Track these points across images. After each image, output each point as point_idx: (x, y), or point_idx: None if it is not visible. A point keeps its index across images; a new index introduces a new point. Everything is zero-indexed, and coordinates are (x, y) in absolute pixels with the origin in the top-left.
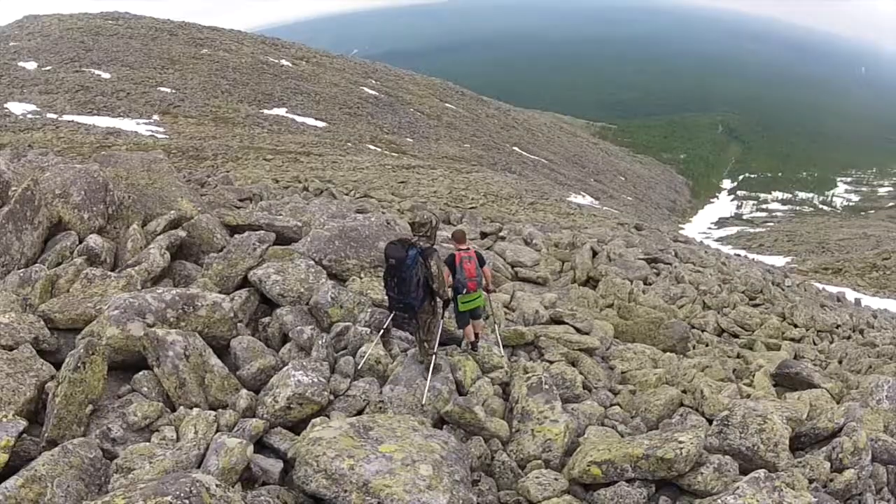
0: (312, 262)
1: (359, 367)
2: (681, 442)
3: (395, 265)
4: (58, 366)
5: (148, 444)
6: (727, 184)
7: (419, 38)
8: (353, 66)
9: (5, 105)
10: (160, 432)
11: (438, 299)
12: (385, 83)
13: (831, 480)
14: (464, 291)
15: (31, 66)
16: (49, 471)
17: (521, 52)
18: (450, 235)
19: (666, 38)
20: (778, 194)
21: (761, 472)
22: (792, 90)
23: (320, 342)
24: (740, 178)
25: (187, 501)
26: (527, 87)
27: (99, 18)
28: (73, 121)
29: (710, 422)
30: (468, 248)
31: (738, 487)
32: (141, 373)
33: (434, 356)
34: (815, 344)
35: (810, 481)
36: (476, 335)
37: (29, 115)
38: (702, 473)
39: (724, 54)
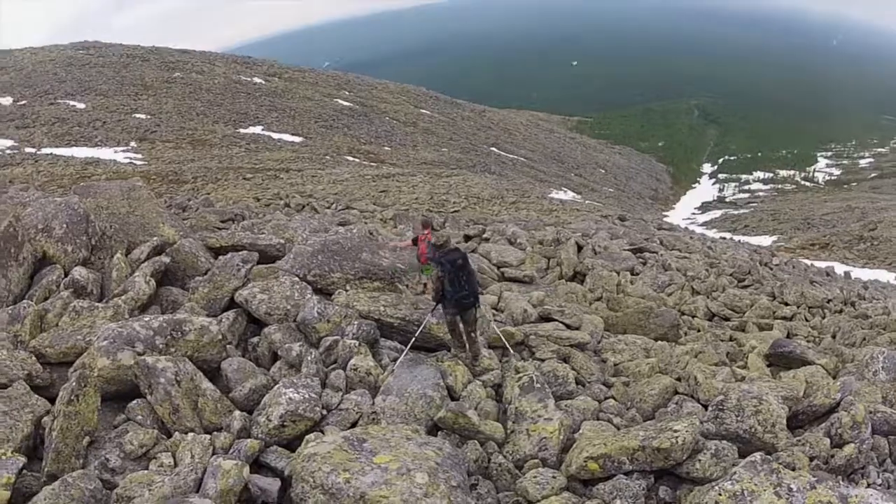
0: (297, 279)
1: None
2: (676, 431)
3: (463, 263)
4: (52, 400)
5: (146, 471)
6: (707, 168)
7: (385, 46)
8: (325, 79)
9: None
10: (157, 459)
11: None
12: (359, 93)
13: (832, 457)
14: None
15: (5, 101)
16: None
17: (489, 53)
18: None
19: (631, 28)
20: (759, 174)
21: (758, 456)
22: (763, 67)
23: (309, 358)
24: (720, 160)
25: None
26: (498, 87)
27: (70, 49)
28: (51, 153)
29: (705, 407)
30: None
31: (734, 472)
32: (134, 401)
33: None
34: (807, 320)
35: (811, 459)
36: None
37: (7, 151)
38: (699, 460)
39: (691, 37)
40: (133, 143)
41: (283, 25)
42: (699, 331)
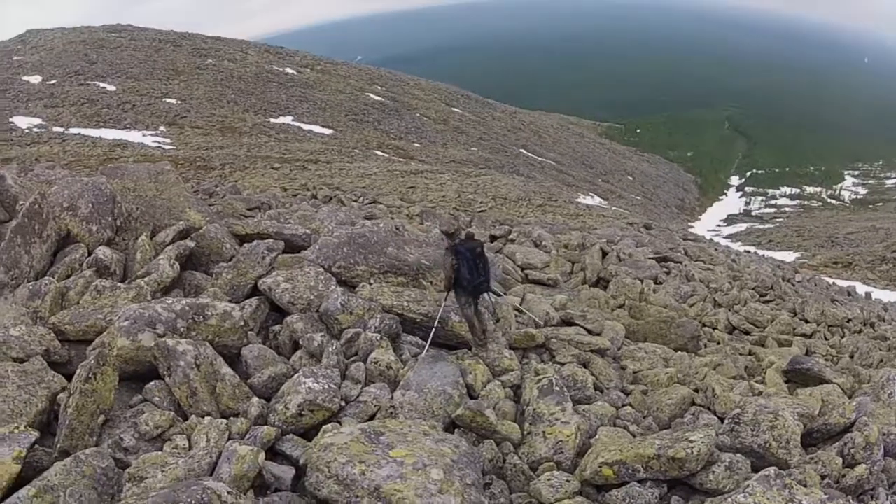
0: (322, 270)
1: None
2: (692, 441)
3: (481, 252)
4: (69, 377)
5: (160, 453)
6: (735, 180)
7: (421, 43)
8: (357, 73)
9: (11, 119)
10: (172, 441)
11: None
12: (390, 89)
13: (843, 476)
14: None
15: (35, 79)
16: (61, 481)
17: (522, 54)
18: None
19: (665, 34)
20: (786, 189)
21: (771, 470)
22: (795, 81)
23: (331, 349)
24: (748, 173)
25: None
26: (530, 88)
27: (102, 31)
28: (79, 133)
29: (721, 420)
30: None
31: (748, 486)
32: (152, 383)
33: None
34: (826, 339)
35: (822, 477)
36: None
37: (35, 129)
38: (713, 472)
39: (725, 47)
40: (162, 128)
41: (318, 18)
42: (719, 343)
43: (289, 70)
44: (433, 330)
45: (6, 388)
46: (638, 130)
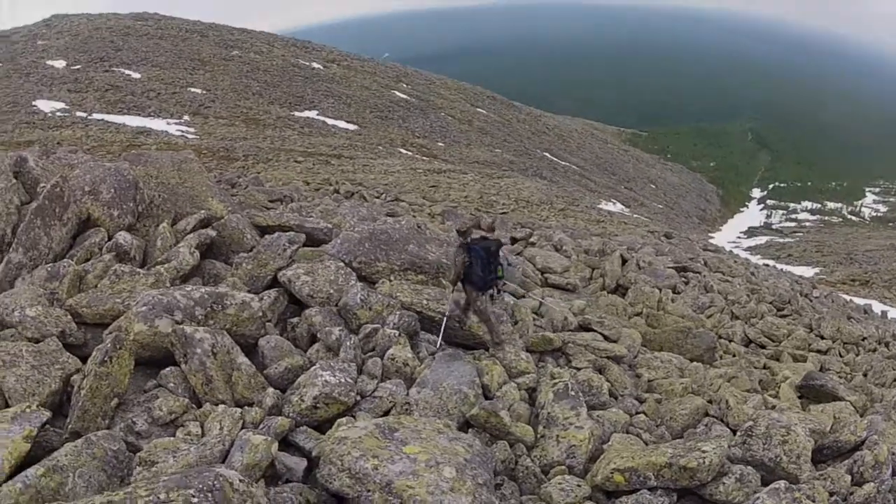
0: (342, 264)
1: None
2: (704, 451)
3: (496, 250)
4: (84, 359)
5: (172, 438)
6: (757, 192)
7: (448, 42)
8: (384, 70)
9: (34, 102)
10: (185, 427)
11: None
12: (416, 87)
13: (851, 494)
14: None
15: (59, 64)
16: (71, 461)
17: (549, 57)
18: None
19: (692, 44)
20: (807, 204)
21: (782, 484)
22: (821, 96)
23: (348, 343)
24: (770, 186)
25: (210, 495)
26: (555, 92)
27: (128, 19)
28: (102, 119)
29: (734, 432)
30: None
31: (758, 498)
32: (168, 369)
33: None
34: (840, 356)
35: (831, 494)
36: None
37: (58, 113)
38: (724, 483)
39: (751, 58)
40: (186, 117)
41: (346, 13)
42: (734, 356)
43: (315, 64)
44: (445, 320)
45: (20, 367)
46: (663, 136)
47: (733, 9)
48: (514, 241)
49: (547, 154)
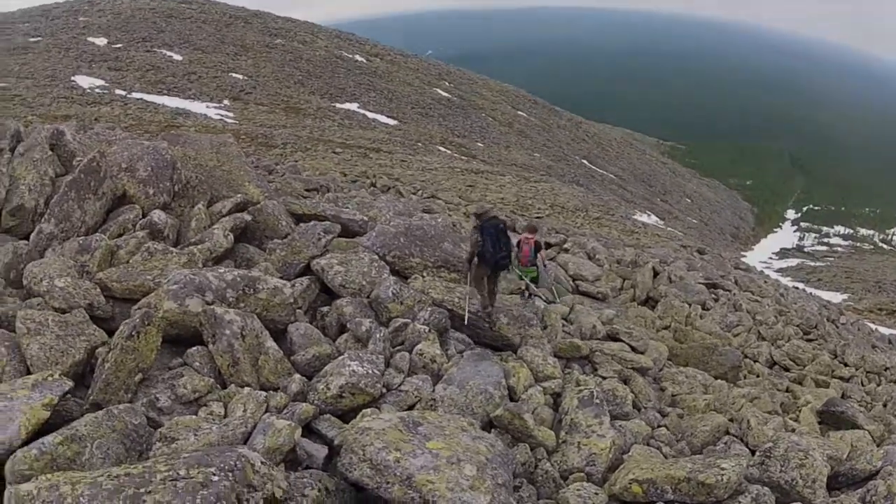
0: (376, 257)
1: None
2: (723, 469)
3: (504, 229)
4: (110, 333)
5: (195, 416)
6: (791, 214)
7: (492, 42)
8: (426, 67)
9: (73, 78)
10: (208, 407)
11: None
12: (458, 86)
13: None
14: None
15: (100, 42)
16: (91, 432)
17: (592, 63)
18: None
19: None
20: (839, 228)
21: None
22: (859, 120)
23: (378, 335)
24: (804, 209)
25: (231, 475)
26: (597, 100)
27: (172, 1)
28: (141, 98)
29: (753, 452)
30: (529, 238)
31: None
32: (195, 348)
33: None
34: (862, 385)
35: None
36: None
37: (97, 90)
38: (739, 502)
39: (794, 80)
40: (226, 101)
41: (391, 9)
42: (758, 376)
43: (358, 57)
44: (466, 297)
45: (45, 336)
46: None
47: (783, 30)
48: (547, 245)
49: (585, 161)
